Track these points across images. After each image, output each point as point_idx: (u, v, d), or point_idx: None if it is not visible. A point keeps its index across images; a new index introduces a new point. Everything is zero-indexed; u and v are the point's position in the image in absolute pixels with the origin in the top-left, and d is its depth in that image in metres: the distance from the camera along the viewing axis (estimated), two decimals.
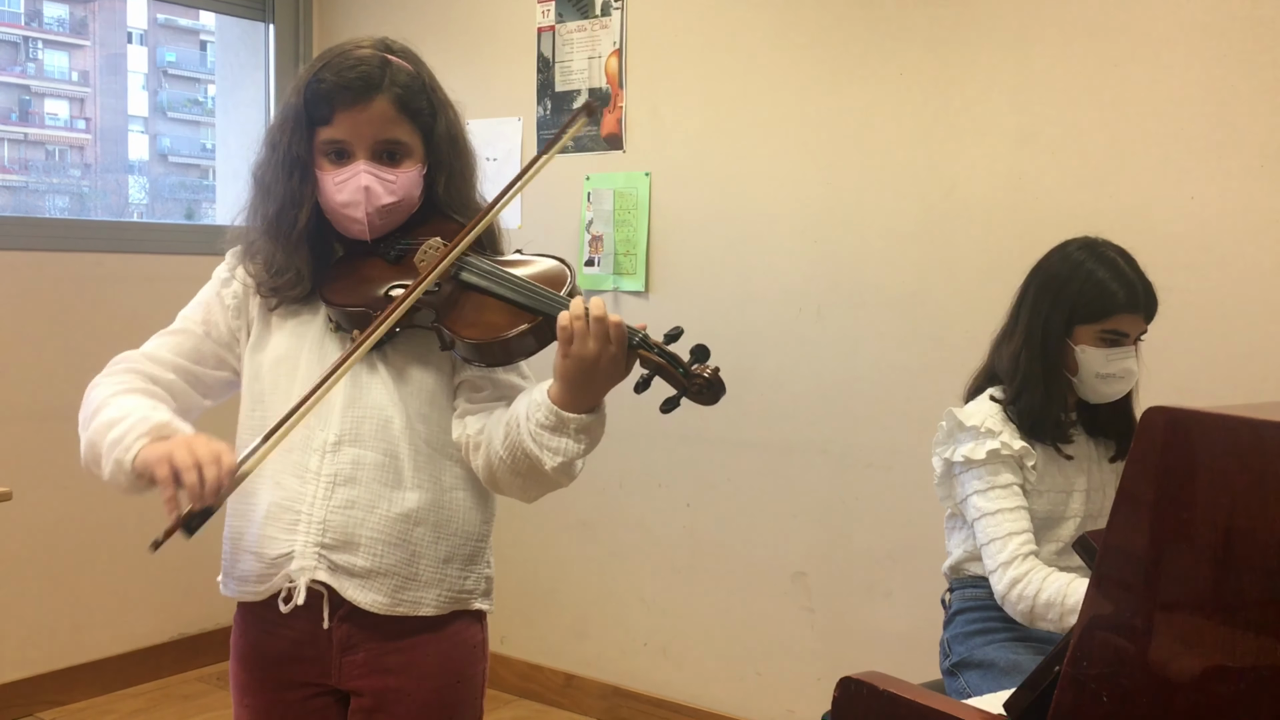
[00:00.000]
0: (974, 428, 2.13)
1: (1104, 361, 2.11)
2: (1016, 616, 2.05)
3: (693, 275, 3.32)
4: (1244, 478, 1.04)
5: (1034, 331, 2.15)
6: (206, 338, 1.70)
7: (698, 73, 3.29)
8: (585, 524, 3.56)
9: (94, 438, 1.56)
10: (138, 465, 1.49)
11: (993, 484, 2.11)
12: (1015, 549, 2.06)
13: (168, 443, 1.48)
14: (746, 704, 3.28)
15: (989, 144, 2.83)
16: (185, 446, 1.44)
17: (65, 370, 3.49)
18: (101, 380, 1.65)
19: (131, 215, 4.82)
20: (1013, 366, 2.17)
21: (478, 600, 1.71)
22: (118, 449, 1.51)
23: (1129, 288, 2.10)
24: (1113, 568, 1.13)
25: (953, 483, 2.20)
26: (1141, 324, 2.14)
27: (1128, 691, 1.10)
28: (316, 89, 1.62)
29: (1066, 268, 2.14)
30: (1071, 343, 2.13)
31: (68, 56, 7.64)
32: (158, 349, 1.69)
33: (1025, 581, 2.02)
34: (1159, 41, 2.60)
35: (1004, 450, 2.10)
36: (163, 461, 1.44)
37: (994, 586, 2.07)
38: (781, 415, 3.18)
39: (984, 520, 2.10)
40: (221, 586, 1.71)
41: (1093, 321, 2.11)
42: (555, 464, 1.51)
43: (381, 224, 1.64)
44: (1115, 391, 2.15)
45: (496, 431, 1.58)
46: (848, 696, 1.40)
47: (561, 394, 1.49)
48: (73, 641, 3.59)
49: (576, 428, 1.50)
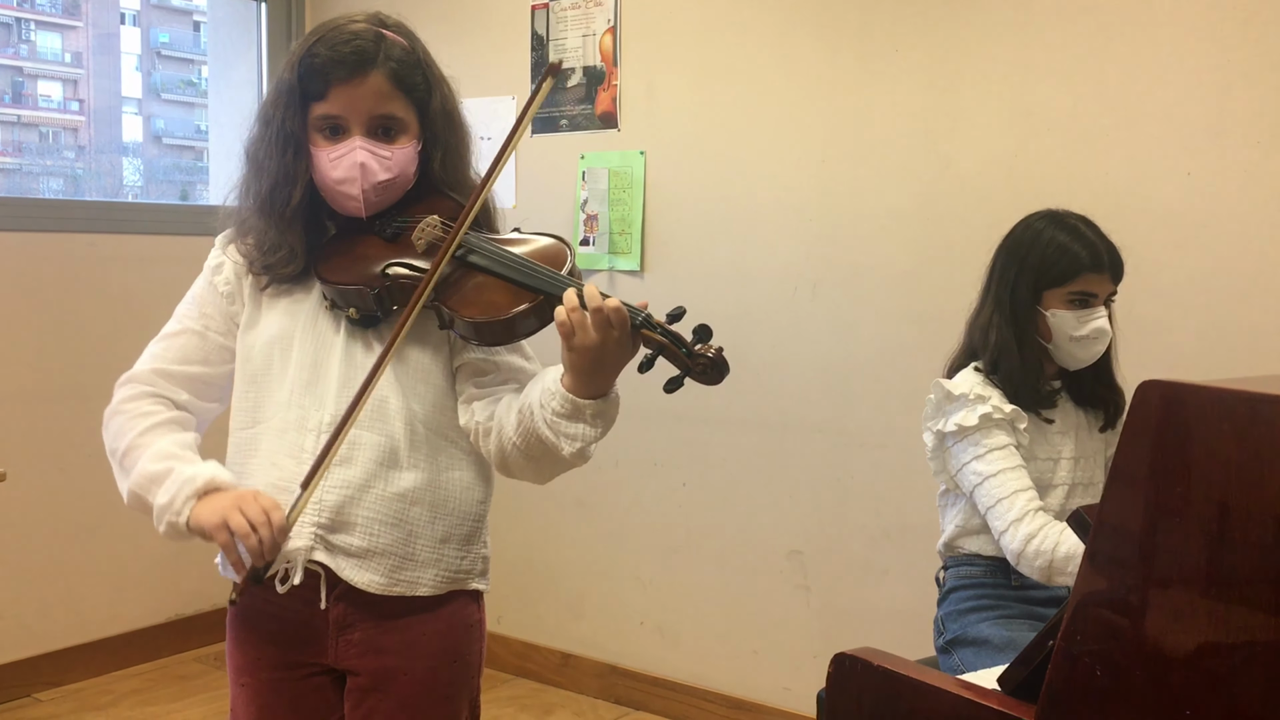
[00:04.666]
0: (963, 395, 2.14)
1: (1075, 323, 2.13)
2: (1032, 573, 2.04)
3: (688, 254, 3.31)
4: (1239, 452, 1.04)
5: (1003, 301, 2.18)
6: (207, 333, 1.69)
7: (692, 51, 3.28)
8: (581, 504, 3.56)
9: (139, 491, 1.59)
10: (193, 528, 1.54)
11: (989, 447, 2.11)
12: (1024, 505, 2.05)
13: (220, 505, 1.52)
14: (743, 682, 3.29)
15: (985, 121, 2.82)
16: (237, 511, 1.50)
17: (60, 351, 3.48)
18: (123, 409, 1.65)
19: (126, 197, 4.81)
20: (984, 338, 2.20)
21: (475, 580, 1.71)
22: (169, 513, 1.55)
23: (1091, 248, 2.13)
24: (1106, 543, 1.14)
25: (946, 455, 2.20)
26: (1109, 284, 2.16)
27: (1121, 667, 1.10)
28: (310, 64, 1.60)
29: (1029, 235, 2.19)
30: (1041, 309, 2.15)
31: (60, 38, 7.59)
32: (164, 362, 1.68)
33: (1041, 536, 2.01)
34: (1155, 17, 2.59)
35: (995, 414, 2.11)
36: (220, 529, 1.50)
37: (1007, 546, 2.06)
38: (777, 394, 3.18)
39: (986, 483, 2.09)
40: (220, 568, 1.71)
41: (1059, 284, 2.14)
42: (573, 450, 1.51)
43: (377, 200, 1.63)
44: (1091, 354, 2.16)
45: (508, 418, 1.57)
46: (842, 672, 1.40)
47: (573, 382, 1.48)
48: (70, 622, 3.59)
49: (592, 413, 1.49)
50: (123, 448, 1.62)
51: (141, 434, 1.61)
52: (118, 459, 1.63)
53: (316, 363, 1.63)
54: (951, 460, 2.18)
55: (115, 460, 1.64)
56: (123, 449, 1.62)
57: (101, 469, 1.60)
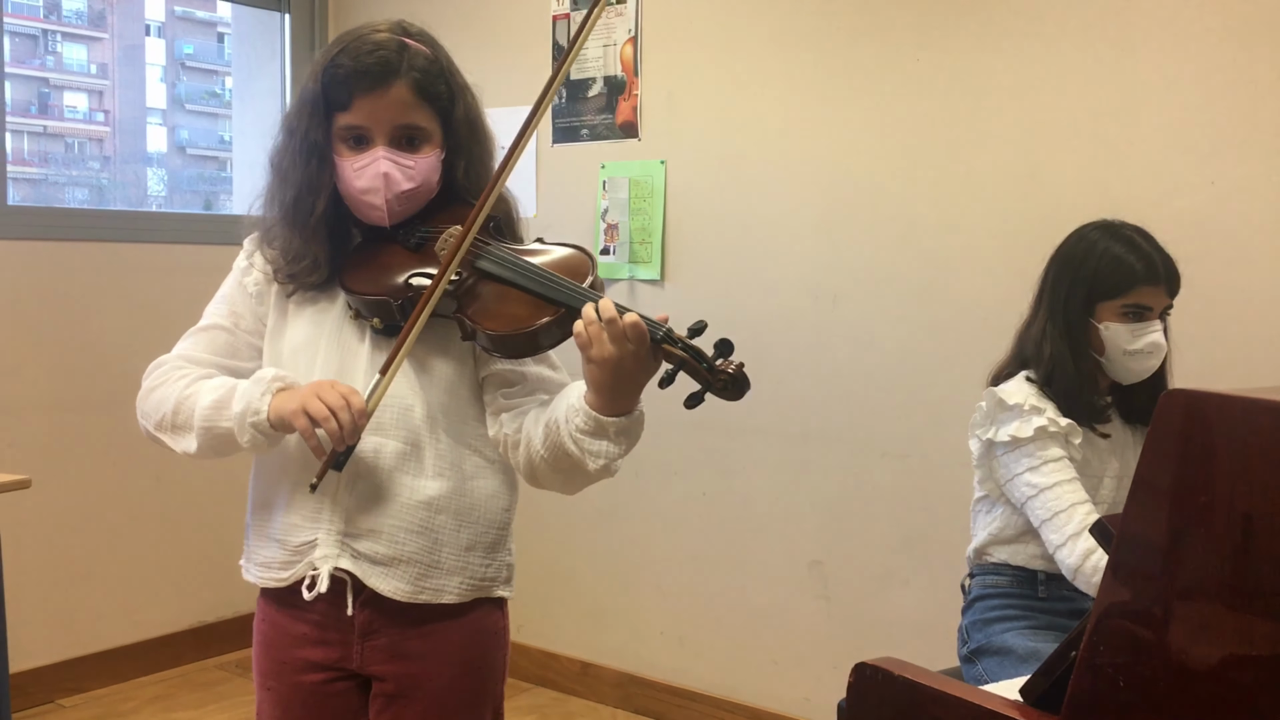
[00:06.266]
0: (1017, 405, 2.10)
1: (1130, 337, 2.10)
2: (1089, 589, 2.00)
3: (708, 264, 3.32)
4: (1263, 462, 1.03)
5: (1056, 313, 2.14)
6: (236, 329, 1.70)
7: (713, 61, 3.28)
8: (602, 513, 3.56)
9: (208, 424, 1.58)
10: (273, 420, 1.54)
11: (1045, 459, 2.07)
12: (1082, 519, 2.02)
13: (297, 394, 1.53)
14: (763, 692, 3.28)
15: (1004, 131, 2.82)
16: (315, 397, 1.50)
17: (84, 360, 3.51)
18: (157, 382, 1.65)
19: (150, 207, 4.84)
20: (1038, 350, 2.15)
21: (499, 587, 1.72)
22: (249, 414, 1.55)
23: (1146, 260, 2.10)
24: (1129, 554, 1.13)
25: (994, 464, 2.17)
26: (1164, 298, 2.12)
27: (1144, 678, 1.09)
28: (334, 74, 1.60)
29: (1083, 247, 2.15)
30: (1095, 321, 2.12)
31: (86, 49, 7.66)
32: (191, 349, 1.69)
33: (1100, 552, 1.96)
34: (1177, 26, 2.58)
35: (1051, 427, 2.08)
36: (299, 414, 1.50)
37: (1064, 561, 2.03)
38: (797, 404, 3.17)
39: (1042, 496, 2.06)
40: (244, 572, 1.72)
41: (1113, 297, 2.10)
42: (598, 466, 1.51)
43: (401, 210, 1.64)
44: (1145, 369, 2.13)
45: (536, 431, 1.57)
46: (863, 682, 1.39)
47: (596, 399, 1.48)
48: (92, 629, 3.61)
49: (616, 430, 1.49)
50: (170, 408, 1.61)
51: (186, 388, 1.62)
52: (168, 423, 1.62)
53: (341, 371, 1.63)
54: (1001, 470, 2.15)
55: (165, 427, 1.62)
56: (171, 409, 1.61)
57: (125, 476, 1.61)
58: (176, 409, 1.61)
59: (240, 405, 1.55)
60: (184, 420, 1.60)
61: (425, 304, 1.54)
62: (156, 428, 1.64)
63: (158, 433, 1.65)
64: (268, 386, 1.55)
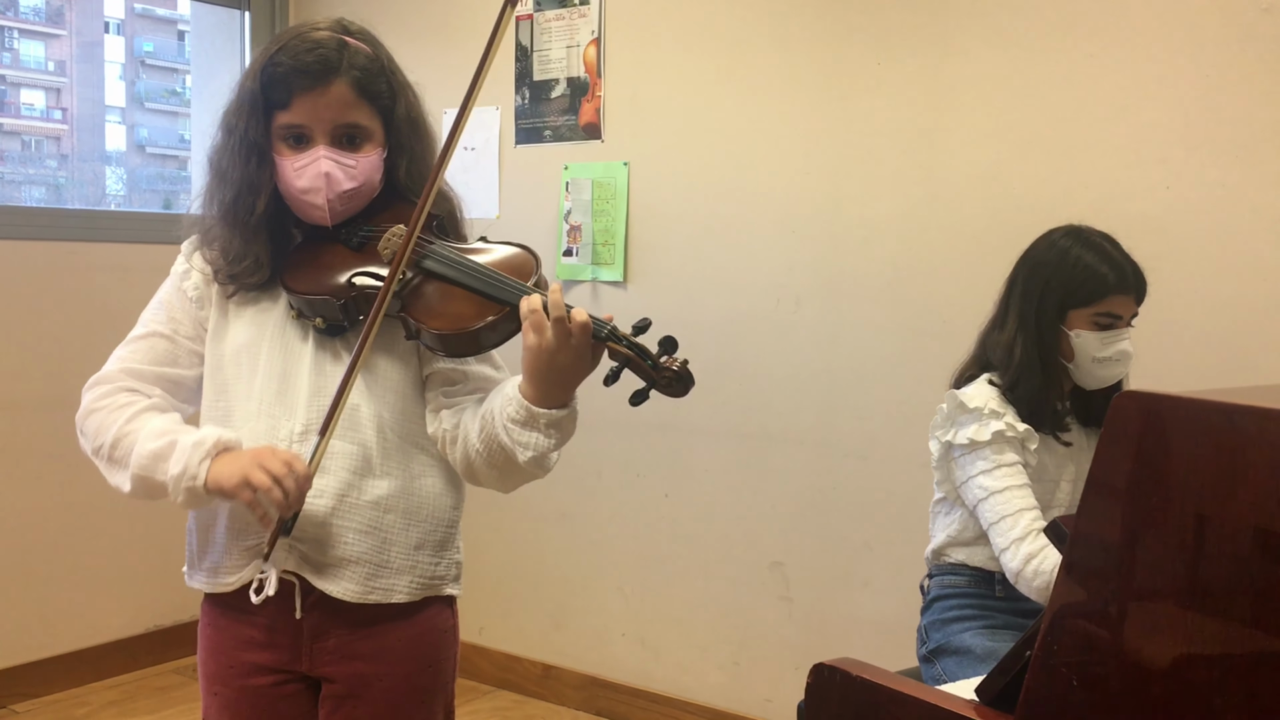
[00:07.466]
0: (977, 409, 2.12)
1: (1100, 345, 2.12)
2: (1031, 593, 2.03)
3: (671, 265, 3.32)
4: (1216, 463, 1.04)
5: (1027, 319, 2.15)
6: (176, 336, 1.67)
7: (677, 62, 3.29)
8: (563, 515, 3.55)
9: (143, 473, 1.56)
10: (212, 489, 1.51)
11: (999, 463, 2.09)
12: (1027, 524, 2.04)
13: (238, 462, 1.50)
14: (724, 693, 3.29)
15: (969, 134, 2.84)
16: (257, 467, 1.47)
17: (40, 359, 3.46)
18: (97, 406, 1.62)
19: (108, 206, 4.78)
20: (1007, 355, 2.16)
21: (449, 585, 1.71)
22: (185, 480, 1.52)
23: (1118, 269, 2.12)
24: (1083, 554, 1.14)
25: (951, 465, 2.19)
26: (1133, 305, 2.15)
27: (1098, 677, 1.10)
28: (273, 73, 1.59)
29: (1054, 254, 2.15)
30: (1065, 328, 2.13)
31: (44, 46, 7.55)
32: (131, 359, 1.66)
33: (1041, 557, 1.99)
34: (1133, 32, 2.61)
35: (1009, 432, 2.09)
36: (242, 487, 1.48)
37: (1007, 564, 2.05)
38: (760, 405, 3.18)
39: (992, 499, 2.08)
40: (187, 578, 1.70)
41: (1085, 305, 2.12)
42: (527, 458, 1.51)
43: (343, 209, 1.63)
44: (1112, 375, 2.15)
45: (472, 426, 1.57)
46: (822, 683, 1.40)
47: (530, 389, 1.48)
48: (46, 634, 3.56)
49: (546, 423, 1.49)
50: (109, 440, 1.58)
51: (128, 422, 1.59)
52: (105, 454, 1.59)
53: (285, 372, 1.62)
54: (958, 471, 2.17)
55: (102, 456, 1.60)
56: (109, 442, 1.58)
57: (80, 479, 1.59)
58: (115, 443, 1.58)
59: (178, 468, 1.52)
60: (120, 457, 1.58)
61: (371, 324, 1.53)
62: (94, 453, 1.62)
63: (94, 458, 1.62)
64: (207, 452, 1.52)
